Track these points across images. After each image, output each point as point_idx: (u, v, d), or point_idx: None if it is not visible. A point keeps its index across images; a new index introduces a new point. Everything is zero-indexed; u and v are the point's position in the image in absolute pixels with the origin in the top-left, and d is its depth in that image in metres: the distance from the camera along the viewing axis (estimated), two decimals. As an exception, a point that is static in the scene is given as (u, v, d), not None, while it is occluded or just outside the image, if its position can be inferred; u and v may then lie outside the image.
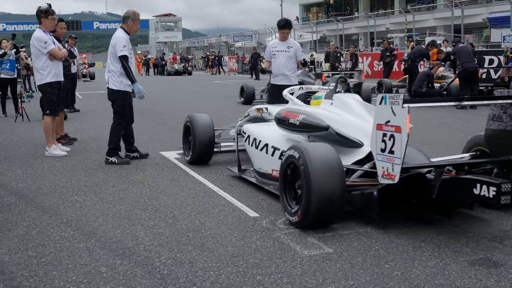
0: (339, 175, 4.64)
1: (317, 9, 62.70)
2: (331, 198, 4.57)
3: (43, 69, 8.34)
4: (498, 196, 4.04)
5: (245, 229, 4.79)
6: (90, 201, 5.76)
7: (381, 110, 4.43)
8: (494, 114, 4.86)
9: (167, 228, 4.83)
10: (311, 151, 4.72)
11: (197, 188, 6.29)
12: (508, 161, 4.73)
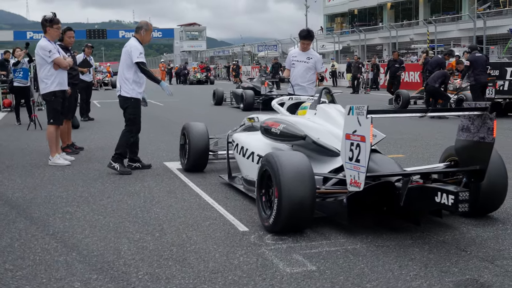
0: (310, 183, 4.76)
1: (341, 19, 62.55)
2: (301, 205, 4.71)
3: (47, 78, 8.36)
4: (456, 204, 4.23)
5: (231, 244, 4.67)
6: (81, 212, 5.70)
7: (349, 120, 4.55)
8: (463, 125, 4.98)
9: (152, 242, 4.74)
10: (283, 159, 4.86)
11: (192, 200, 6.20)
12: (476, 171, 4.82)
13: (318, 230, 5.00)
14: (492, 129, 4.67)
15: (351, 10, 59.44)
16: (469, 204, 4.27)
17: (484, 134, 4.76)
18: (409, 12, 53.63)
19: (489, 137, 4.71)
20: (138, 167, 7.98)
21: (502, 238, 4.78)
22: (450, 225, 5.14)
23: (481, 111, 4.76)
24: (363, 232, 4.92)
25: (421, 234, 4.87)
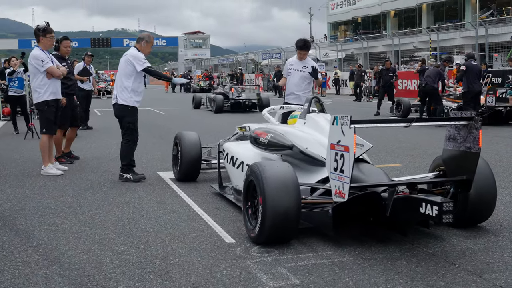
0: (295, 193, 4.71)
1: (345, 27, 62.55)
2: (286, 216, 4.64)
3: (40, 87, 8.32)
4: (440, 215, 4.15)
5: (216, 256, 4.59)
6: (67, 224, 5.62)
7: (334, 130, 4.53)
8: (450, 135, 4.93)
9: (136, 255, 4.65)
10: (268, 169, 4.81)
11: (181, 211, 6.12)
12: (463, 181, 4.80)
13: (306, 241, 4.92)
14: (478, 139, 4.60)
15: (355, 18, 59.42)
16: (453, 215, 4.19)
17: (470, 144, 4.70)
18: (412, 20, 53.56)
19: (475, 147, 4.65)
20: None
21: (492, 250, 4.68)
22: (441, 236, 5.05)
23: (467, 121, 4.69)
24: (351, 244, 4.83)
25: (410, 246, 4.78)
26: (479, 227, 5.31)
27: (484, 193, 5.11)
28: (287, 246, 4.79)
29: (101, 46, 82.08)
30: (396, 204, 4.60)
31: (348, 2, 59.50)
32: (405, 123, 4.83)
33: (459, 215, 5.15)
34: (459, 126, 4.82)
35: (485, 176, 5.16)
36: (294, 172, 4.86)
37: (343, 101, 28.82)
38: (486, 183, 5.14)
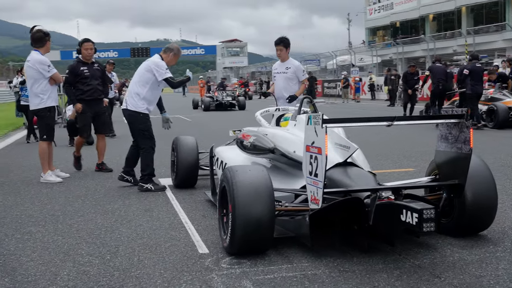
0: (268, 200, 4.32)
1: (383, 32, 61.53)
2: (258, 225, 4.27)
3: (43, 93, 8.17)
4: (420, 223, 3.76)
5: (182, 268, 4.24)
6: (42, 233, 5.36)
7: (308, 130, 4.16)
8: (441, 135, 4.52)
9: (98, 266, 4.34)
10: (239, 174, 4.44)
11: (165, 219, 5.79)
12: (455, 185, 4.39)
13: (284, 252, 4.53)
14: (469, 138, 4.15)
15: (393, 23, 58.37)
16: (435, 223, 3.76)
17: (461, 145, 4.25)
18: (451, 23, 52.26)
19: (466, 148, 4.20)
20: (129, 181, 7.64)
21: (487, 262, 4.20)
22: (434, 246, 4.59)
23: (457, 119, 4.24)
24: (332, 254, 4.42)
25: (396, 257, 4.34)
26: (479, 236, 4.83)
27: (482, 198, 4.63)
28: (261, 257, 4.41)
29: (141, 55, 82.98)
30: (378, 211, 4.17)
31: (386, 7, 58.54)
32: (387, 122, 4.38)
33: (456, 223, 4.71)
34: (450, 125, 4.39)
35: (484, 179, 4.70)
36: (269, 177, 4.48)
37: (371, 106, 28.17)
38: (485, 187, 4.67)
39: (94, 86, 8.92)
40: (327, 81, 43.94)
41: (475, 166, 4.69)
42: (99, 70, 9.15)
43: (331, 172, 4.77)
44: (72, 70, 8.86)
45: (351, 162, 4.91)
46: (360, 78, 36.66)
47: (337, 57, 45.16)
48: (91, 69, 8.92)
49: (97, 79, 9.01)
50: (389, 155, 10.14)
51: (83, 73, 8.78)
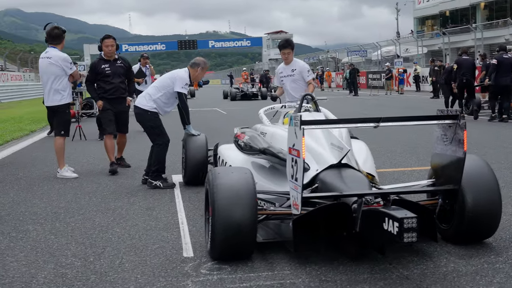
0: (249, 204, 4.14)
1: (432, 21, 60.04)
2: (238, 229, 4.10)
3: (64, 89, 8.25)
4: (401, 233, 3.50)
5: (159, 273, 4.11)
6: (37, 231, 5.33)
7: (290, 132, 3.96)
8: (437, 136, 4.28)
9: (77, 269, 4.26)
10: (220, 176, 4.30)
11: (163, 219, 5.69)
12: (451, 191, 4.16)
13: (269, 258, 4.35)
14: (463, 141, 3.87)
15: (442, 12, 56.87)
16: (417, 234, 3.52)
17: (456, 148, 3.98)
18: (504, 11, 50.55)
19: (459, 151, 3.92)
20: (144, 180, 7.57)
21: (482, 274, 3.91)
22: (430, 255, 4.33)
23: (451, 120, 3.97)
24: (319, 262, 4.21)
25: (386, 266, 4.10)
26: (482, 244, 4.54)
27: (484, 203, 4.33)
28: (244, 262, 4.24)
29: (188, 48, 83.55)
30: (364, 218, 3.95)
31: (435, -5, 57.16)
32: (374, 123, 4.13)
33: (456, 230, 4.44)
34: (445, 126, 4.13)
35: (486, 183, 4.40)
36: (252, 180, 4.30)
37: (413, 98, 27.45)
38: (487, 191, 4.37)
39: (117, 85, 8.53)
40: (372, 73, 43.19)
41: (477, 168, 4.43)
42: (123, 67, 8.69)
43: (324, 174, 4.58)
44: (93, 67, 8.66)
45: (346, 164, 4.67)
46: (405, 70, 35.78)
47: (382, 48, 44.26)
48: (113, 66, 8.55)
49: (120, 77, 8.60)
50: (415, 151, 9.79)
51: (104, 71, 8.49)
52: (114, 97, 8.56)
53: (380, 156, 9.17)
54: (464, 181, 4.24)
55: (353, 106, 24.10)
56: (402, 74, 34.65)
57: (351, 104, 25.60)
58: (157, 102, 7.22)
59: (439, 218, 4.59)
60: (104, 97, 8.54)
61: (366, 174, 4.81)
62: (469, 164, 4.36)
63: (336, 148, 4.78)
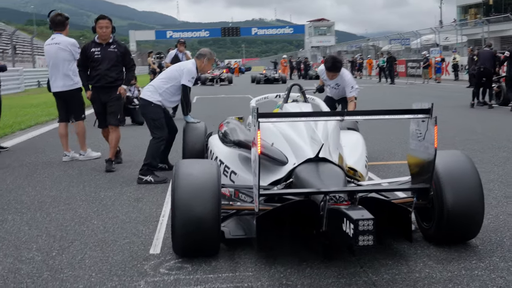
0: (211, 198, 3.93)
1: (475, 10, 58.32)
2: (199, 224, 3.89)
3: (75, 74, 8.19)
4: (356, 236, 3.28)
5: (116, 272, 3.91)
6: (14, 221, 5.22)
7: (253, 125, 3.73)
8: (412, 131, 4.01)
9: (36, 264, 4.09)
10: (182, 168, 4.11)
11: (147, 211, 5.49)
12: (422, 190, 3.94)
13: (236, 257, 4.12)
14: (434, 137, 3.56)
15: (486, 0, 55.17)
16: (373, 237, 3.27)
17: (428, 144, 3.68)
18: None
19: (431, 148, 3.62)
20: (164, 168, 7.40)
21: (456, 282, 3.58)
22: (407, 257, 4.03)
23: (423, 114, 3.65)
24: (286, 263, 3.94)
25: (355, 270, 3.81)
26: (467, 247, 4.20)
27: (464, 201, 4.02)
28: (208, 262, 4.01)
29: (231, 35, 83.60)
30: (329, 217, 3.68)
31: (479, -17, 55.41)
32: (339, 116, 3.83)
33: (436, 229, 4.14)
34: (418, 121, 3.84)
35: (467, 180, 4.09)
36: (217, 174, 4.08)
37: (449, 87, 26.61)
38: (468, 189, 4.06)
39: (102, 72, 7.58)
40: (411, 61, 42.18)
41: (458, 165, 4.15)
42: (116, 53, 7.67)
43: (299, 168, 4.34)
44: (83, 51, 7.87)
45: (324, 158, 4.38)
46: (443, 58, 34.79)
47: (422, 36, 43.14)
48: (104, 51, 7.62)
49: (110, 63, 7.61)
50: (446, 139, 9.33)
51: (94, 55, 7.62)
52: (99, 86, 7.67)
53: (395, 147, 8.83)
54: (444, 178, 4.02)
55: (384, 95, 23.49)
56: (439, 63, 33.73)
57: (383, 93, 24.97)
58: (163, 95, 6.95)
59: (421, 216, 4.36)
60: (92, 84, 7.75)
61: (348, 169, 4.53)
62: (450, 160, 4.16)
63: (316, 142, 4.52)
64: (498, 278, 3.62)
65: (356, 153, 5.12)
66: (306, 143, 4.61)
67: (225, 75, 37.46)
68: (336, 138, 5.04)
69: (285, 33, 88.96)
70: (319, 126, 4.91)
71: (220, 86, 34.16)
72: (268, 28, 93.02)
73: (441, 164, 4.09)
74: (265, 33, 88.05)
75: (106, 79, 7.62)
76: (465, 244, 4.25)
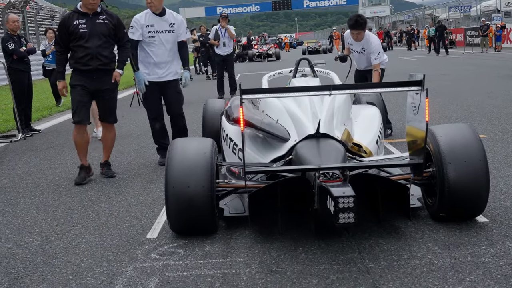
0: (204, 176, 3.87)
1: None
2: (190, 203, 3.85)
3: None
4: (336, 213, 3.19)
5: (107, 257, 3.83)
6: (25, 205, 5.26)
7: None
8: (408, 105, 3.83)
9: (32, 248, 4.07)
10: (176, 146, 4.09)
11: (156, 193, 5.40)
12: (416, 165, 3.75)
13: (232, 241, 3.99)
14: (425, 110, 3.33)
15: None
16: (354, 214, 3.16)
17: (420, 117, 3.45)
18: None
19: (423, 122, 3.39)
20: None
21: (458, 269, 3.32)
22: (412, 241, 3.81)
23: (415, 86, 3.41)
24: (281, 248, 3.78)
25: (353, 256, 3.60)
26: (478, 231, 3.92)
27: (466, 177, 3.82)
28: (201, 247, 3.90)
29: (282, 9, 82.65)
30: (319, 194, 3.55)
31: None
32: (326, 91, 3.62)
33: (438, 206, 3.98)
34: (412, 93, 3.64)
35: (470, 155, 3.86)
36: (211, 152, 4.01)
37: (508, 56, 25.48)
38: (470, 164, 3.84)
39: (94, 50, 5.79)
40: (470, 29, 40.67)
41: (461, 139, 3.93)
42: (107, 25, 5.89)
43: (300, 145, 4.19)
44: (62, 24, 5.92)
45: (326, 134, 4.18)
46: (504, 25, 33.29)
47: (482, 2, 41.48)
48: (91, 23, 5.81)
49: (101, 39, 5.83)
50: (471, 116, 8.91)
51: (78, 29, 5.78)
52: (88, 69, 5.84)
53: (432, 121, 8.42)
54: (446, 152, 3.84)
55: (431, 67, 22.63)
56: (500, 31, 32.28)
57: (432, 64, 24.08)
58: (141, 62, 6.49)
59: (426, 193, 4.19)
60: (76, 68, 5.90)
61: (352, 145, 4.32)
62: (454, 134, 3.96)
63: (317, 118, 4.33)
64: (505, 266, 3.34)
65: (367, 129, 4.89)
66: (308, 119, 4.44)
67: (272, 51, 37.04)
68: (344, 112, 4.85)
69: (338, 4, 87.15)
70: (325, 101, 4.71)
71: (267, 62, 33.85)
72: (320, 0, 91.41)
73: (444, 137, 3.94)
74: (317, 6, 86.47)
75: (99, 60, 5.82)
76: (478, 226, 3.98)
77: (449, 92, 12.33)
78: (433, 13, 52.94)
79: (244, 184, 4.00)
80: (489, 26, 31.77)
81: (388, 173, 4.31)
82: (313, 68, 5.65)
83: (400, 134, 7.60)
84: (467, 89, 12.98)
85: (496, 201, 4.50)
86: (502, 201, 4.53)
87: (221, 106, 6.82)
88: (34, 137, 9.29)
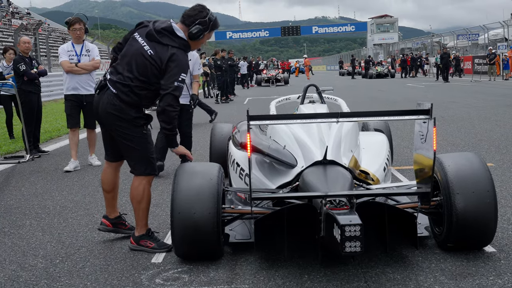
0: (210, 201, 3.85)
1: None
2: (196, 227, 3.83)
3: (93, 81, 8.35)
4: (342, 242, 3.16)
5: (112, 281, 3.81)
6: (31, 227, 5.25)
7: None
8: (416, 133, 3.82)
9: (37, 271, 4.06)
10: (183, 170, 4.07)
11: (162, 218, 5.41)
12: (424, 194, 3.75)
13: (238, 267, 3.96)
14: (432, 139, 3.33)
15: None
16: (361, 243, 3.14)
17: (428, 146, 3.44)
18: None
19: (430, 150, 3.38)
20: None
21: None
22: (419, 271, 3.74)
23: (423, 115, 3.41)
24: (287, 276, 3.75)
25: (359, 284, 3.56)
26: (486, 261, 3.87)
27: (474, 207, 3.78)
28: (206, 272, 3.87)
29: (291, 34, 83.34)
30: (325, 222, 3.53)
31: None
32: (334, 118, 3.63)
33: (446, 235, 3.94)
34: (420, 122, 3.63)
35: (477, 184, 3.83)
36: (218, 177, 3.99)
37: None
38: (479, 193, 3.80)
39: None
40: (478, 57, 40.72)
41: (469, 168, 3.90)
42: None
43: (306, 171, 4.18)
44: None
45: (333, 161, 4.17)
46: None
47: (490, 30, 41.60)
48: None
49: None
50: (478, 145, 8.88)
51: None
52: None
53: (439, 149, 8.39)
54: (454, 181, 3.81)
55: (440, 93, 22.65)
56: (507, 59, 32.31)
57: (441, 91, 24.11)
58: None
59: (434, 222, 4.15)
60: None
61: (359, 172, 4.31)
62: (462, 163, 3.93)
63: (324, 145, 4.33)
64: (513, 297, 3.30)
65: (375, 156, 4.89)
66: (315, 145, 4.45)
67: (281, 76, 37.23)
68: (352, 139, 4.85)
69: (346, 31, 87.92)
70: (333, 127, 4.72)
71: (276, 87, 34.00)
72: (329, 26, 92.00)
73: (452, 166, 3.92)
74: (326, 32, 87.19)
75: None
76: (486, 256, 3.94)
77: (457, 120, 12.31)
78: (441, 40, 53.14)
79: (251, 210, 3.98)
80: (496, 55, 31.84)
81: (396, 201, 4.28)
82: (321, 95, 5.68)
83: (407, 161, 7.57)
84: (475, 116, 12.96)
85: (504, 231, 4.46)
86: (510, 231, 4.49)
87: (229, 131, 6.84)
88: (42, 158, 9.31)
